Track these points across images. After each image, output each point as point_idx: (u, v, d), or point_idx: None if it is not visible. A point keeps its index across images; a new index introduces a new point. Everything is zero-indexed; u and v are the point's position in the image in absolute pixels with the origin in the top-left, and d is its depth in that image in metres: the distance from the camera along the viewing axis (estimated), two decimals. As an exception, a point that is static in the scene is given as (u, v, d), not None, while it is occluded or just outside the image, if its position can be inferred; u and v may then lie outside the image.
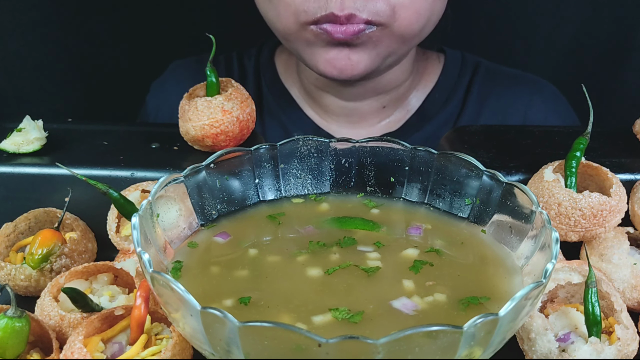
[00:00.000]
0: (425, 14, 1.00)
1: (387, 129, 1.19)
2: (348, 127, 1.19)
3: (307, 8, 0.95)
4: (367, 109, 1.17)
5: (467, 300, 0.61)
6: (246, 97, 0.89)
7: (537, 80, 1.25)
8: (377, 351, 0.49)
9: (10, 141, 0.87)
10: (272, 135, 1.20)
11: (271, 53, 1.25)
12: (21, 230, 0.83)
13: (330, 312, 0.58)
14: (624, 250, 0.77)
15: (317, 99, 1.18)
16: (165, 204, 0.69)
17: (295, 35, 1.00)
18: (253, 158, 0.76)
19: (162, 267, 0.63)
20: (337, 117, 1.19)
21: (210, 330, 0.53)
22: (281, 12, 0.99)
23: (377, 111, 1.18)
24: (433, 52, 1.25)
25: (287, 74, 1.22)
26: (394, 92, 1.17)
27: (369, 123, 1.19)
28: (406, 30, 0.99)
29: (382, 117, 1.19)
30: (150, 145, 0.91)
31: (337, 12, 0.93)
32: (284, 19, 0.99)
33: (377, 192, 0.79)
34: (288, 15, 0.98)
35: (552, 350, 0.64)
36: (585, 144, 0.80)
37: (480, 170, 0.73)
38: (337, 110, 1.18)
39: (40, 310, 0.69)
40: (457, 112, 1.19)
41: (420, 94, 1.21)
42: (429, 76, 1.22)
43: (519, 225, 0.69)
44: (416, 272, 0.65)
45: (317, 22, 0.95)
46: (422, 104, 1.20)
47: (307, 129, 1.18)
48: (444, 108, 1.19)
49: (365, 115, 1.18)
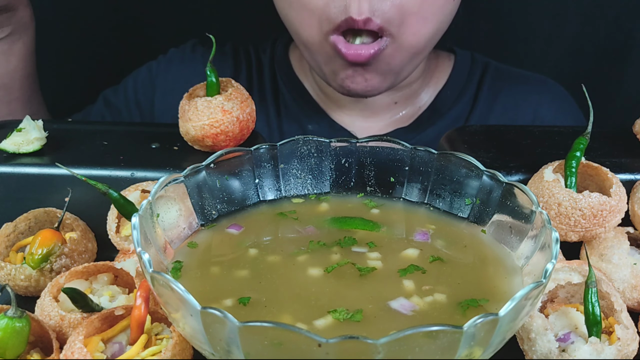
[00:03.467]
0: (433, 27, 1.02)
1: (399, 123, 1.21)
2: (360, 120, 1.21)
3: (329, 14, 0.97)
4: (379, 104, 1.20)
5: (467, 303, 0.61)
6: (246, 97, 0.89)
7: (545, 80, 1.28)
8: (377, 351, 0.49)
9: (10, 141, 0.87)
10: (289, 129, 1.22)
11: (285, 48, 1.27)
12: (21, 230, 0.83)
13: (330, 313, 0.58)
14: (624, 250, 0.77)
15: (329, 94, 1.21)
16: (165, 204, 0.69)
17: (317, 47, 1.03)
18: (253, 158, 0.76)
19: (162, 267, 0.63)
20: (350, 110, 1.21)
21: (210, 330, 0.53)
22: (305, 21, 1.02)
23: (389, 106, 1.21)
24: (443, 51, 1.27)
25: (301, 69, 1.25)
26: (406, 89, 1.20)
27: (381, 118, 1.21)
28: (413, 43, 1.02)
29: (394, 112, 1.21)
30: (150, 145, 0.91)
31: (355, 16, 0.96)
32: (307, 28, 1.02)
33: (377, 192, 0.79)
34: (312, 24, 1.01)
35: (552, 350, 0.64)
36: (585, 144, 0.80)
37: (480, 170, 0.73)
38: (349, 104, 1.20)
39: (41, 310, 0.69)
40: (468, 109, 1.22)
41: (431, 90, 1.23)
42: (440, 74, 1.24)
43: (519, 225, 0.69)
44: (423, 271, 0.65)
45: (338, 28, 0.98)
46: (434, 101, 1.22)
47: (322, 122, 1.21)
48: (456, 105, 1.22)
49: (377, 110, 1.20)
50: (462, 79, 1.23)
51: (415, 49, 1.03)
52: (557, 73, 1.46)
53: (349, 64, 1.01)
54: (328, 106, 1.22)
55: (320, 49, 1.03)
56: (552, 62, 1.53)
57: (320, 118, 1.21)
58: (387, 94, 1.18)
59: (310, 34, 1.02)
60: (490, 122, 1.21)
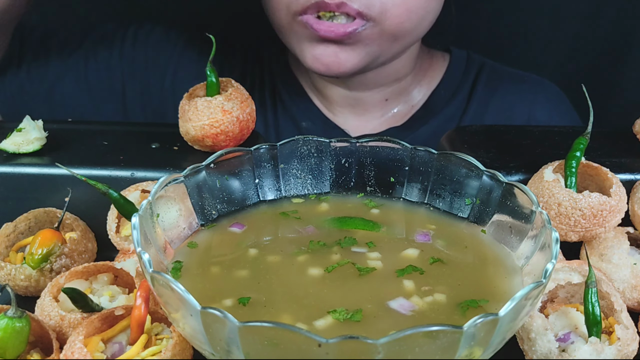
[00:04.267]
0: (418, 13, 1.00)
1: (392, 122, 1.20)
2: (353, 118, 1.20)
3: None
4: (370, 100, 1.18)
5: (467, 304, 0.61)
6: (246, 97, 0.89)
7: (540, 81, 1.27)
8: (377, 351, 0.49)
9: (10, 141, 0.87)
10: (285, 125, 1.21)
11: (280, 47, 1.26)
12: (21, 230, 0.83)
13: (330, 313, 0.58)
14: (624, 250, 0.77)
15: (321, 89, 1.20)
16: (165, 204, 0.69)
17: (287, 28, 1.01)
18: (253, 158, 0.76)
19: (162, 267, 0.63)
20: (342, 108, 1.20)
21: (210, 330, 0.53)
22: (274, 5, 1.01)
23: (380, 103, 1.20)
24: (438, 51, 1.26)
25: (297, 67, 1.24)
26: (396, 86, 1.19)
27: (374, 115, 1.20)
28: (397, 29, 0.99)
29: (385, 110, 1.20)
30: (150, 145, 0.91)
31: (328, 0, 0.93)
32: (277, 12, 1.01)
33: (377, 192, 0.79)
34: (281, 7, 1.00)
35: (552, 350, 0.64)
36: (585, 144, 0.80)
37: (480, 170, 0.73)
38: (340, 100, 1.19)
39: (41, 310, 0.69)
40: (462, 108, 1.21)
41: (425, 89, 1.22)
42: (434, 72, 1.23)
43: (519, 225, 0.69)
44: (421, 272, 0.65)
45: (306, 10, 0.96)
46: (428, 100, 1.21)
47: (316, 120, 1.20)
48: (449, 104, 1.21)
49: (369, 107, 1.19)
50: (456, 78, 1.23)
51: (397, 36, 1.01)
52: (557, 73, 1.46)
53: (319, 40, 0.98)
54: (322, 104, 1.21)
55: (290, 30, 1.01)
56: (552, 62, 1.53)
57: (315, 116, 1.20)
58: (376, 90, 1.17)
59: (279, 17, 1.01)
60: (485, 122, 1.21)
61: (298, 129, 1.19)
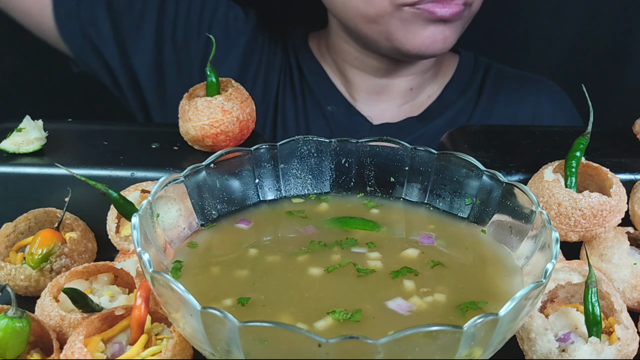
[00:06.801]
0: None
1: (409, 112, 1.26)
2: (374, 105, 1.26)
3: None
4: (397, 88, 1.25)
5: (466, 306, 0.61)
6: (246, 97, 0.89)
7: (544, 81, 1.33)
8: (377, 351, 0.49)
9: (10, 141, 0.87)
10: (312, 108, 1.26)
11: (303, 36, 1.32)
12: (21, 230, 0.83)
13: (330, 314, 0.58)
14: (624, 250, 0.77)
15: (349, 76, 1.25)
16: (165, 204, 0.69)
17: (389, 15, 1.07)
18: (253, 158, 0.76)
19: (162, 267, 0.63)
20: (366, 95, 1.26)
21: (210, 330, 0.53)
22: None
23: (405, 92, 1.26)
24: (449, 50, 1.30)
25: (320, 56, 1.29)
26: (420, 77, 1.25)
27: (395, 104, 1.26)
28: (474, 12, 1.12)
29: (408, 98, 1.26)
30: (150, 145, 0.91)
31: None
32: (377, 3, 1.06)
33: (377, 192, 0.79)
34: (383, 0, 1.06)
35: (552, 350, 0.64)
36: (585, 144, 0.80)
37: (480, 170, 0.73)
38: (366, 88, 1.25)
39: (41, 310, 0.69)
40: (473, 103, 1.28)
41: (438, 84, 1.29)
42: (446, 69, 1.30)
43: (519, 225, 0.69)
44: (416, 274, 0.65)
45: (416, 3, 1.04)
46: (441, 94, 1.28)
47: (340, 105, 1.25)
48: (461, 98, 1.27)
49: (394, 94, 1.26)
50: (466, 76, 1.29)
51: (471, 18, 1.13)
52: (557, 73, 1.47)
53: (431, 22, 1.06)
54: (346, 90, 1.27)
55: (393, 17, 1.07)
56: (552, 62, 1.53)
57: (339, 101, 1.26)
58: (405, 78, 1.24)
59: (381, 7, 1.06)
60: (493, 118, 1.26)
61: (323, 113, 1.25)
